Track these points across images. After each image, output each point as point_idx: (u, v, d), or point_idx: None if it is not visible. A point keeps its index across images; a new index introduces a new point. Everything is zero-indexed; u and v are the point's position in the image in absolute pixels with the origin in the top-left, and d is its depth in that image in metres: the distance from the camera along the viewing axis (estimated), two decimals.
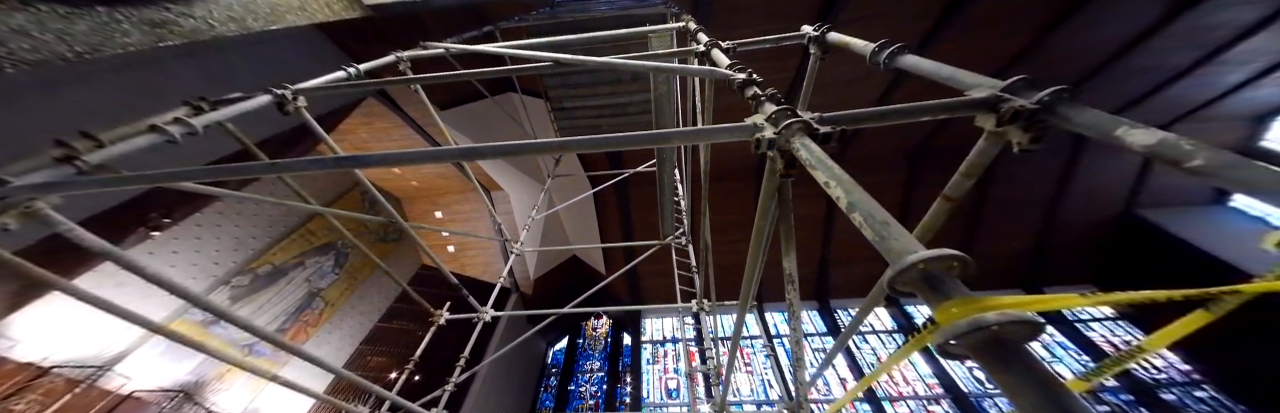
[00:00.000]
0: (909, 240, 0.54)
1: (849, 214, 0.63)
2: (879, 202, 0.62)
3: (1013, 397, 0.38)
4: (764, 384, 19.89)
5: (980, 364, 0.42)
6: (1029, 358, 0.40)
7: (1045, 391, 0.36)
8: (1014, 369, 0.39)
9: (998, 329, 0.40)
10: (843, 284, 22.22)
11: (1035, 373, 0.38)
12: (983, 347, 0.41)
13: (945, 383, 18.04)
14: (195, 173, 1.33)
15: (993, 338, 0.41)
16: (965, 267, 0.49)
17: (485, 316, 3.97)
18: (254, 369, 2.33)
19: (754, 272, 1.41)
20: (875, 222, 0.57)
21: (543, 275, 20.42)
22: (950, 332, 0.43)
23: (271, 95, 2.10)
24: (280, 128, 9.02)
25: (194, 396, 9.52)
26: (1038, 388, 0.37)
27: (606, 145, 1.09)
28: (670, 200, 5.22)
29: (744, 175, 19.40)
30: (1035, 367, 0.39)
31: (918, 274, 0.49)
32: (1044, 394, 0.36)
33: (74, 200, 1.65)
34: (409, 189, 16.93)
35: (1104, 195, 17.00)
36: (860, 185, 0.68)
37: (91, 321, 8.74)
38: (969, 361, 0.42)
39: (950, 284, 0.48)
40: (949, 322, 0.44)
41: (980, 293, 0.49)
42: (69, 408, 7.15)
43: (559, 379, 21.95)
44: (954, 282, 0.49)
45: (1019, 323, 0.40)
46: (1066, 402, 0.35)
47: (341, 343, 14.70)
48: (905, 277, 0.50)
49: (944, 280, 0.49)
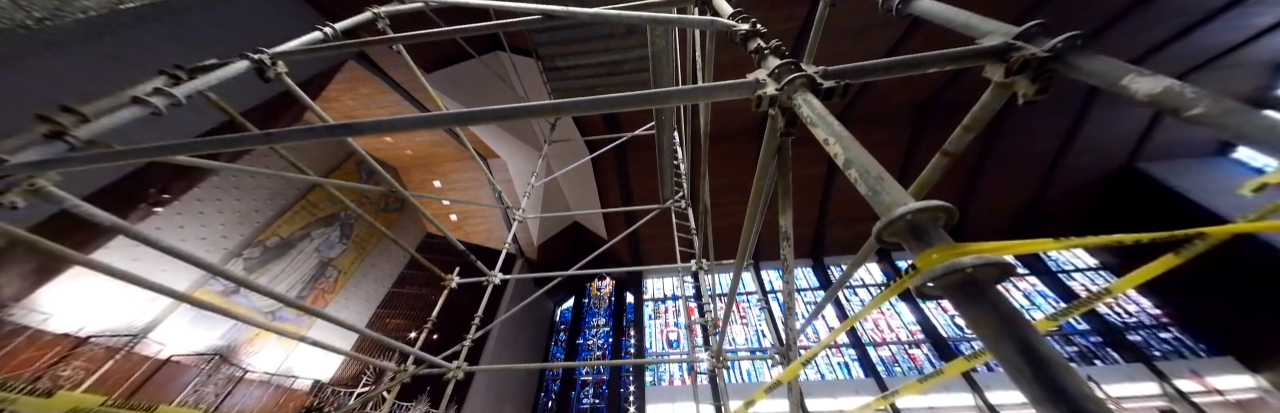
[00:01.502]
0: (900, 194, 0.56)
1: (845, 170, 0.64)
2: (882, 159, 0.63)
3: (976, 329, 0.43)
4: (758, 334, 21.38)
5: (952, 303, 0.47)
6: (996, 296, 0.44)
7: (1007, 323, 0.41)
8: (980, 306, 0.44)
9: (971, 271, 0.44)
10: (838, 242, 22.87)
11: (1000, 308, 0.43)
12: (956, 287, 0.46)
13: (926, 329, 19.36)
14: (190, 145, 1.32)
15: (966, 279, 0.45)
16: (951, 217, 0.52)
17: (495, 279, 4.15)
18: (282, 331, 2.50)
19: (752, 231, 1.45)
20: (870, 177, 0.59)
21: (546, 241, 20.92)
22: (928, 275, 0.47)
23: (249, 61, 2.00)
24: (263, 96, 8.67)
25: (228, 358, 10.24)
26: (1000, 321, 0.42)
27: (603, 107, 1.07)
28: (669, 164, 5.19)
29: (745, 137, 19.03)
30: (1000, 303, 0.43)
31: (904, 225, 0.52)
32: (1005, 326, 0.41)
33: (72, 178, 1.65)
34: (404, 158, 16.68)
35: (1108, 150, 16.86)
36: (863, 143, 0.68)
37: (116, 294, 9.12)
38: (943, 301, 0.47)
39: (934, 233, 0.51)
40: (928, 267, 0.48)
41: None
42: (113, 373, 7.74)
43: (568, 335, 23.60)
44: (938, 231, 0.52)
45: (990, 265, 0.44)
46: (1023, 332, 0.40)
47: (360, 308, 15.49)
48: (893, 227, 0.53)
49: (928, 230, 0.52)
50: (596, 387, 20.76)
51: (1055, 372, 0.37)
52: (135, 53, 6.02)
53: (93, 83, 5.51)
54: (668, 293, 24.62)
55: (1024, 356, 0.38)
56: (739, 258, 1.61)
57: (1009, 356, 0.39)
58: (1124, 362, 15.89)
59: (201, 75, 1.90)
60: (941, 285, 0.46)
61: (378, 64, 12.18)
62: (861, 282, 22.17)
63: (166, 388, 8.53)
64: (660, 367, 20.76)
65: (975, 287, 0.44)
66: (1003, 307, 0.43)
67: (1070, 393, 0.35)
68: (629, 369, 20.61)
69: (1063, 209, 19.32)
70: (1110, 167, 17.59)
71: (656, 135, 4.74)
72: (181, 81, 1.88)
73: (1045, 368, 0.37)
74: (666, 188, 5.48)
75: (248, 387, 9.92)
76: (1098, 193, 18.37)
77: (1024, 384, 0.37)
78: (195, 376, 8.97)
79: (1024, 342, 0.39)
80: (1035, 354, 0.38)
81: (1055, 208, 19.34)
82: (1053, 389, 0.35)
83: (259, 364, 11.32)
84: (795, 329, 1.60)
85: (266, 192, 12.90)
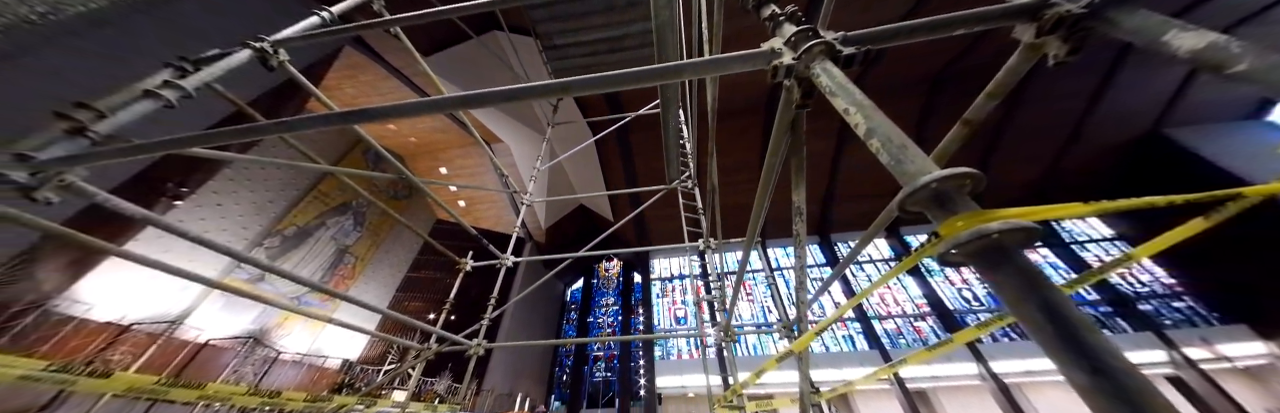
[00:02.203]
0: (925, 162, 0.55)
1: (867, 141, 0.64)
2: None
3: (1000, 292, 0.44)
4: (763, 310, 21.88)
5: (976, 268, 0.47)
6: (1021, 259, 0.44)
7: (1031, 285, 0.42)
8: (1005, 270, 0.44)
9: (998, 236, 0.45)
10: (844, 219, 22.79)
11: (1025, 272, 0.43)
12: (981, 253, 0.46)
13: (933, 302, 19.59)
14: (208, 136, 1.34)
15: (992, 245, 0.45)
16: (977, 184, 0.52)
17: (507, 262, 4.25)
18: (310, 314, 2.62)
19: (762, 207, 1.46)
20: (893, 146, 0.59)
21: (553, 225, 21.16)
22: (953, 241, 0.47)
23: (251, 50, 1.98)
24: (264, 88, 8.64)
25: (262, 340, 10.80)
26: (1025, 284, 0.42)
27: (611, 84, 1.05)
28: (675, 143, 5.12)
29: (751, 113, 18.61)
30: (1025, 267, 0.44)
31: (929, 194, 0.52)
32: (1029, 288, 0.42)
33: (93, 174, 1.69)
34: (408, 146, 16.67)
35: (1133, 115, 16.06)
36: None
37: (150, 284, 9.54)
38: (961, 270, 0.47)
39: (959, 201, 0.51)
40: (952, 234, 0.48)
41: None
42: (157, 357, 8.23)
43: (579, 314, 24.44)
44: (963, 198, 0.52)
45: (1018, 230, 0.44)
46: (1047, 293, 0.41)
47: (379, 293, 16.04)
48: (917, 197, 0.53)
49: (953, 198, 0.52)
50: (608, 362, 21.69)
51: (1078, 329, 0.38)
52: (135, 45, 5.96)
53: (96, 78, 5.51)
54: (674, 272, 25.09)
55: (1047, 315, 0.39)
56: (749, 233, 1.62)
57: (1033, 316, 0.40)
58: (1132, 331, 16.02)
59: (206, 67, 1.89)
60: (966, 252, 0.47)
61: (375, 49, 11.95)
62: (868, 258, 22.29)
63: (207, 369, 9.06)
64: (669, 342, 21.50)
65: (1001, 252, 0.45)
66: (1028, 270, 0.43)
67: (1093, 349, 0.36)
68: (638, 345, 21.37)
69: (1082, 181, 18.85)
70: (1134, 133, 16.85)
71: (661, 114, 4.65)
72: (188, 74, 1.87)
73: (1069, 326, 0.38)
74: (672, 168, 5.44)
75: (282, 367, 10.51)
76: (1119, 162, 17.77)
77: (1047, 342, 0.39)
78: (232, 357, 9.49)
79: (1048, 302, 0.40)
80: (1059, 313, 0.39)
81: (1074, 180, 18.88)
82: (1076, 346, 0.36)
83: (290, 346, 11.93)
84: (806, 301, 1.64)
85: (278, 183, 13.10)
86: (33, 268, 7.53)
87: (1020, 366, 16.14)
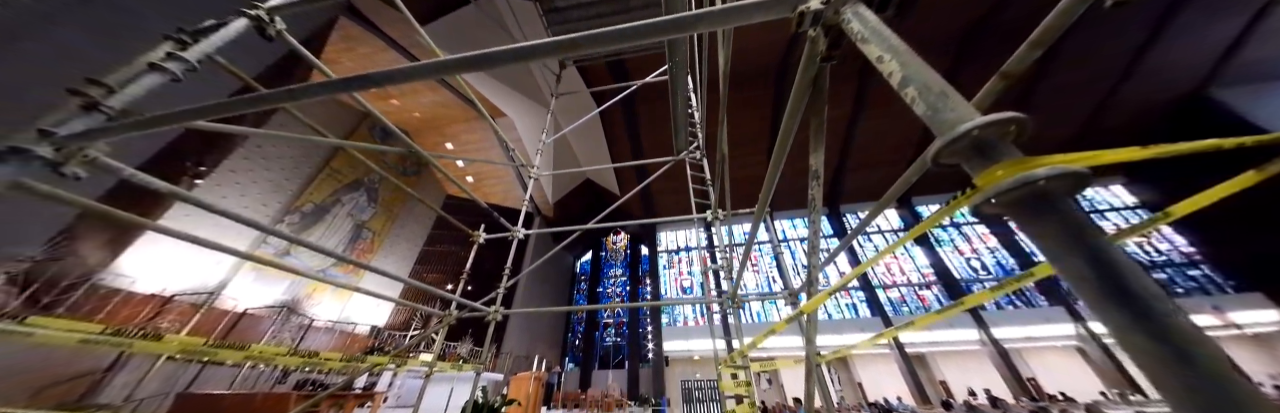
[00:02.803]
0: (966, 109, 0.52)
1: (901, 91, 0.59)
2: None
3: (1042, 242, 0.42)
4: (768, 280, 22.38)
5: (1016, 218, 0.46)
6: (1068, 207, 0.42)
7: (1077, 234, 0.40)
8: (1049, 220, 0.42)
9: (1044, 183, 0.42)
10: (854, 190, 22.46)
11: (1070, 220, 0.41)
12: (1022, 202, 0.44)
13: (939, 271, 19.75)
14: (220, 107, 1.33)
15: (1036, 192, 0.43)
16: (1022, 130, 0.48)
17: (519, 234, 4.33)
18: (338, 283, 2.74)
19: (776, 171, 1.42)
20: (931, 94, 0.54)
21: (560, 200, 21.32)
22: (994, 190, 0.45)
23: (247, 18, 1.92)
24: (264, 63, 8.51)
25: (294, 309, 11.47)
26: (1070, 233, 0.40)
27: (621, 39, 1.00)
28: (684, 112, 4.96)
29: (762, 81, 17.84)
30: (1071, 215, 0.42)
31: (969, 142, 0.49)
32: (1074, 238, 0.40)
33: (115, 152, 1.71)
34: (413, 121, 16.49)
35: (1178, 71, 14.76)
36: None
37: (185, 258, 10.03)
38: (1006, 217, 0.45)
39: (1002, 148, 0.48)
40: (991, 184, 0.46)
41: None
42: (201, 324, 8.84)
43: (589, 284, 25.36)
44: (1007, 146, 0.49)
45: (1066, 176, 0.41)
46: (1094, 240, 0.39)
47: (398, 265, 16.66)
48: (955, 146, 0.50)
49: (995, 145, 0.49)
50: (618, 328, 22.80)
51: (1124, 273, 0.37)
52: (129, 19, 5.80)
53: (106, 51, 5.45)
54: (681, 245, 25.51)
55: (1092, 264, 0.38)
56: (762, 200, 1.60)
57: (1078, 267, 0.39)
58: None
59: (205, 38, 1.84)
60: (1006, 201, 0.45)
61: (371, 20, 11.49)
62: (877, 228, 22.24)
63: (247, 335, 9.73)
64: (675, 310, 22.33)
65: (1046, 200, 0.43)
66: (1074, 218, 0.41)
67: (1139, 294, 0.35)
68: (646, 312, 22.26)
69: (1115, 143, 18.04)
70: (1175, 94, 15.64)
71: (670, 80, 4.46)
72: (189, 45, 1.84)
73: (1115, 270, 0.37)
74: (680, 138, 5.32)
75: (316, 333, 11.23)
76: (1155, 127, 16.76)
77: (1088, 291, 0.38)
78: (269, 325, 10.14)
79: (1094, 250, 0.38)
80: (1106, 258, 0.38)
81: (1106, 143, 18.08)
82: (1121, 292, 0.35)
83: (321, 314, 12.68)
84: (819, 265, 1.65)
85: (291, 162, 13.24)
86: (75, 245, 7.94)
87: (1021, 332, 16.52)
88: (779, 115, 18.53)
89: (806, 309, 1.43)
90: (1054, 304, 16.74)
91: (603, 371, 20.79)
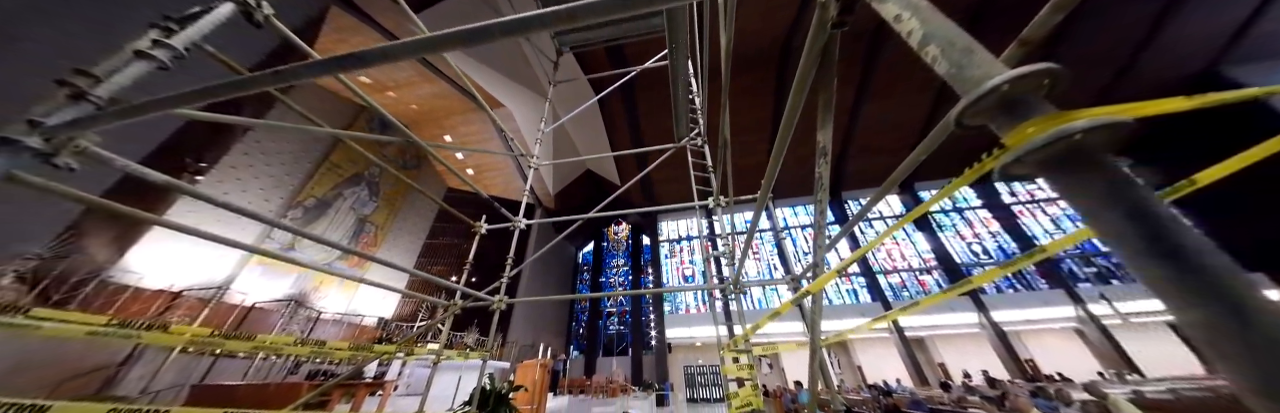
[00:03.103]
0: (993, 64, 0.48)
1: (922, 51, 0.56)
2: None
3: (1077, 200, 0.39)
4: (769, 267, 22.54)
5: (1048, 177, 0.43)
6: (1108, 162, 0.39)
7: (1117, 188, 0.37)
8: (1086, 175, 0.39)
9: (1081, 137, 0.39)
10: (856, 176, 22.35)
11: (1112, 174, 0.39)
12: (1057, 159, 0.41)
13: (940, 256, 19.82)
14: (208, 91, 1.29)
15: (1072, 148, 0.40)
16: (1057, 83, 0.45)
17: (520, 224, 4.31)
18: (345, 274, 2.75)
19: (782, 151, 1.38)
20: (955, 51, 0.51)
21: (561, 191, 21.29)
22: (1027, 147, 0.42)
23: (233, 2, 1.86)
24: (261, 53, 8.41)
25: (302, 303, 11.61)
26: (1109, 188, 0.38)
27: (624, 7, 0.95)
28: (684, 97, 4.87)
29: (762, 68, 17.54)
30: (1112, 169, 0.39)
31: (997, 99, 0.46)
32: (1114, 193, 0.37)
33: (112, 147, 1.68)
34: (410, 113, 16.32)
35: (1189, 49, 14.35)
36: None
37: (191, 255, 10.10)
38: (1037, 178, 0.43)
39: (1036, 103, 0.45)
40: (1022, 142, 0.43)
41: None
42: (211, 318, 8.96)
43: (591, 274, 25.61)
44: (1039, 101, 0.45)
45: (1104, 127, 0.38)
46: (1136, 193, 0.37)
47: (402, 258, 16.77)
48: (982, 104, 0.47)
49: (1027, 101, 0.45)
50: (620, 317, 23.13)
51: (1171, 227, 0.34)
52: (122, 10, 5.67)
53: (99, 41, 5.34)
54: (682, 234, 25.60)
55: (1133, 218, 0.35)
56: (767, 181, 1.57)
57: (1116, 222, 0.36)
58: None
59: (191, 24, 1.79)
60: (1040, 158, 0.42)
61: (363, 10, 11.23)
62: (879, 214, 22.23)
63: (257, 328, 9.86)
64: (677, 298, 22.58)
65: (1083, 155, 0.40)
66: (1113, 171, 0.39)
67: (1188, 248, 0.33)
68: (648, 300, 22.51)
69: None
70: (1187, 72, 15.24)
71: (670, 64, 4.36)
72: (174, 32, 1.79)
73: (1161, 223, 0.34)
74: (681, 124, 5.24)
75: (324, 325, 11.39)
76: None
77: (1128, 247, 0.35)
78: (279, 318, 10.27)
79: (1136, 204, 0.36)
80: (1149, 211, 0.35)
81: None
82: (1167, 247, 0.33)
83: (329, 307, 12.83)
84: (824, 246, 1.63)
85: (290, 156, 13.17)
86: (81, 242, 7.98)
87: (1021, 315, 16.69)
88: (780, 103, 18.25)
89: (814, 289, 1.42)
90: (1054, 287, 16.85)
91: (607, 358, 21.18)
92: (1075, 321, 16.19)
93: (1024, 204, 20.19)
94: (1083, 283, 16.83)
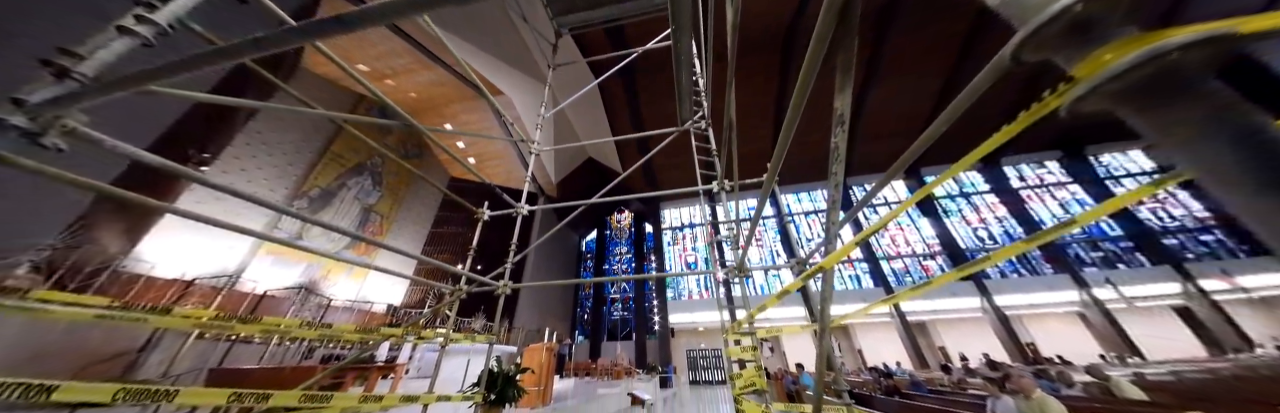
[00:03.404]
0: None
1: None
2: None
3: (1170, 133, 0.33)
4: (772, 254, 22.58)
5: (1134, 107, 0.36)
6: (1209, 83, 0.33)
7: (1222, 112, 0.31)
8: (1182, 101, 0.33)
9: (1178, 55, 0.33)
10: (861, 162, 22.07)
11: (1215, 97, 0.32)
12: (1143, 85, 0.35)
13: (945, 242, 19.75)
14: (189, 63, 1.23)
15: (1164, 70, 0.34)
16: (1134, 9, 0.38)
17: (522, 210, 4.28)
18: (355, 261, 2.74)
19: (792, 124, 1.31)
20: None
21: (563, 179, 21.20)
22: (1105, 74, 0.36)
23: None
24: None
25: (313, 290, 11.81)
26: (1212, 113, 0.31)
27: None
28: (688, 79, 4.73)
29: (766, 49, 17.09)
30: (1215, 90, 0.33)
31: (1066, 23, 0.39)
32: (1218, 118, 0.31)
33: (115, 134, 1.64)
34: (409, 102, 16.12)
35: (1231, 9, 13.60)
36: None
37: (202, 244, 10.22)
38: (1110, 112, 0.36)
39: (1112, 24, 0.38)
40: (1099, 70, 0.37)
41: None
42: (224, 306, 9.13)
43: (594, 262, 25.81)
44: (1118, 22, 0.38)
45: (1208, 42, 0.32)
46: (1247, 116, 0.30)
47: (407, 247, 16.92)
48: (1046, 32, 0.40)
49: (1104, 21, 0.38)
50: (624, 303, 23.43)
51: None
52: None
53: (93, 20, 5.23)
54: (685, 221, 25.59)
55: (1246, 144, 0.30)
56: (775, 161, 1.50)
57: (1224, 151, 0.30)
58: (1150, 265, 16.05)
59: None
60: (1116, 89, 0.35)
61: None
62: (884, 200, 22.05)
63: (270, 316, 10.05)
64: (680, 284, 22.78)
65: (1178, 77, 0.33)
66: (1219, 94, 0.32)
67: None
68: (652, 286, 22.73)
69: None
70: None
71: (673, 45, 4.21)
72: (157, 8, 1.72)
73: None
74: (685, 107, 5.11)
75: (335, 312, 11.61)
76: None
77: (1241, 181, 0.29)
78: (290, 305, 10.46)
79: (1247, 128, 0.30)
80: (1266, 136, 0.30)
81: None
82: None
83: (339, 295, 13.06)
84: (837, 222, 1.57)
85: (292, 146, 13.12)
86: (93, 232, 8.07)
87: (1024, 299, 16.73)
88: (784, 87, 17.86)
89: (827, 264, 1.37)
90: (1059, 272, 16.82)
91: (611, 342, 21.60)
92: (1078, 305, 16.22)
93: (1032, 189, 19.91)
94: (1089, 268, 16.76)
